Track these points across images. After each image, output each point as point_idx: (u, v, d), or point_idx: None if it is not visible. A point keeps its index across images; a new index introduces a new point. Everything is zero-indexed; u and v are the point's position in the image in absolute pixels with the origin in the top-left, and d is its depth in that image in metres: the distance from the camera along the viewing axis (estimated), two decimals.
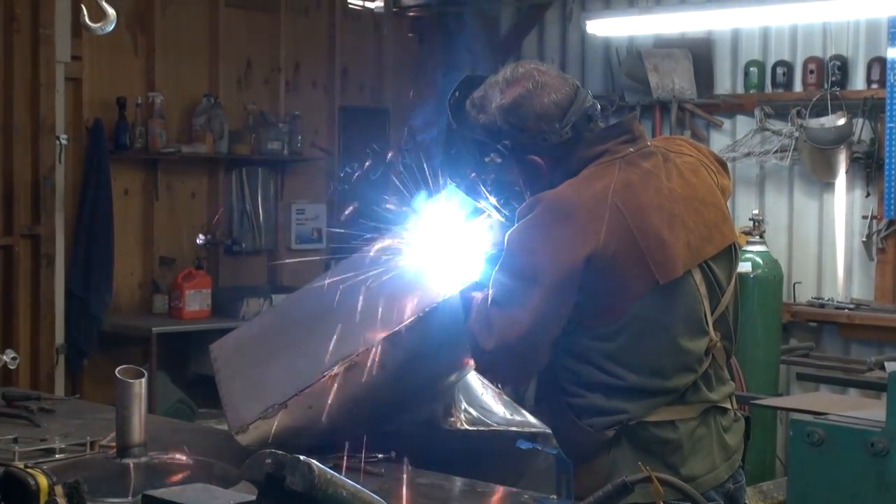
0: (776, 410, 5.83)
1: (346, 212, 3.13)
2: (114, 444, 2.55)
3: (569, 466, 2.23)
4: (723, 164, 2.69)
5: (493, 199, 2.55)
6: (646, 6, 7.37)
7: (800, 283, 7.17)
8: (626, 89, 7.79)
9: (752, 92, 7.37)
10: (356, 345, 2.59)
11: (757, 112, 7.27)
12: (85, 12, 2.93)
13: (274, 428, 2.57)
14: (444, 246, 2.72)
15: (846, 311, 6.84)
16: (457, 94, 2.57)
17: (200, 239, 7.24)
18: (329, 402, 2.59)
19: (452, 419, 2.78)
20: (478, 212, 2.65)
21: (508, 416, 2.93)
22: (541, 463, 2.73)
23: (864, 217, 6.98)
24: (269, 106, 7.61)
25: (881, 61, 6.84)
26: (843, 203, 7.07)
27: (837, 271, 7.11)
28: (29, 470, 1.90)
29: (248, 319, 6.41)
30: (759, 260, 6.21)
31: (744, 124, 7.43)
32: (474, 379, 2.94)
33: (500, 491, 2.46)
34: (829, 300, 6.97)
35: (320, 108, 7.92)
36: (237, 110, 7.43)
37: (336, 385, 2.57)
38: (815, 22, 6.99)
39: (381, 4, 8.19)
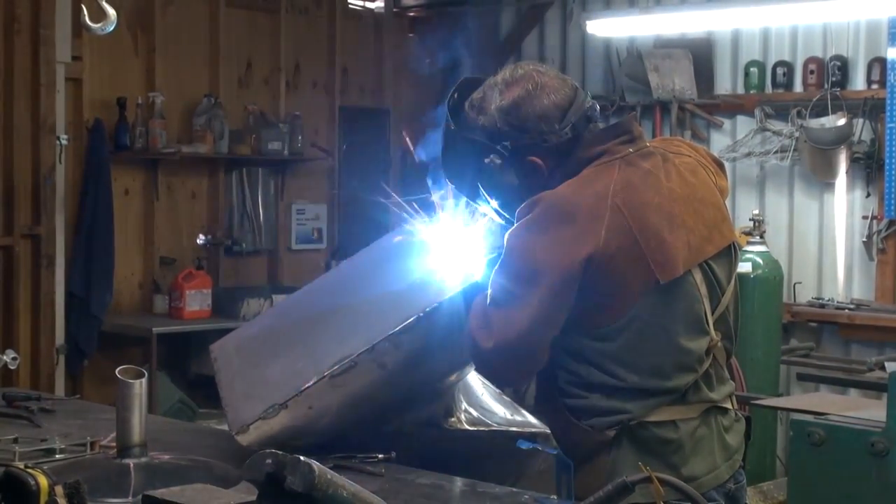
0: (776, 410, 5.83)
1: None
2: (114, 444, 2.55)
3: (569, 467, 2.23)
4: (720, 165, 2.69)
5: (492, 201, 2.54)
6: (646, 6, 7.37)
7: (800, 283, 7.17)
8: (627, 89, 7.79)
9: (752, 92, 7.37)
10: (356, 345, 2.59)
11: (757, 112, 7.27)
12: (85, 12, 2.93)
13: (274, 428, 2.57)
14: (446, 246, 2.73)
15: (846, 311, 6.84)
16: (455, 95, 2.56)
17: (201, 239, 7.25)
18: (329, 402, 2.59)
19: (452, 419, 2.78)
20: (478, 213, 2.64)
21: (508, 416, 2.93)
22: (541, 463, 2.73)
23: (865, 217, 6.98)
24: (269, 106, 7.61)
25: (881, 61, 6.84)
26: (844, 203, 7.07)
27: (838, 271, 7.11)
28: (29, 470, 1.89)
29: (248, 320, 6.41)
30: (759, 260, 6.21)
31: (744, 124, 7.43)
32: (474, 379, 2.94)
33: (500, 491, 2.46)
34: (829, 300, 6.97)
35: (320, 108, 7.92)
36: (237, 110, 7.43)
37: (336, 385, 2.57)
38: (816, 22, 6.99)
39: (381, 4, 8.20)
